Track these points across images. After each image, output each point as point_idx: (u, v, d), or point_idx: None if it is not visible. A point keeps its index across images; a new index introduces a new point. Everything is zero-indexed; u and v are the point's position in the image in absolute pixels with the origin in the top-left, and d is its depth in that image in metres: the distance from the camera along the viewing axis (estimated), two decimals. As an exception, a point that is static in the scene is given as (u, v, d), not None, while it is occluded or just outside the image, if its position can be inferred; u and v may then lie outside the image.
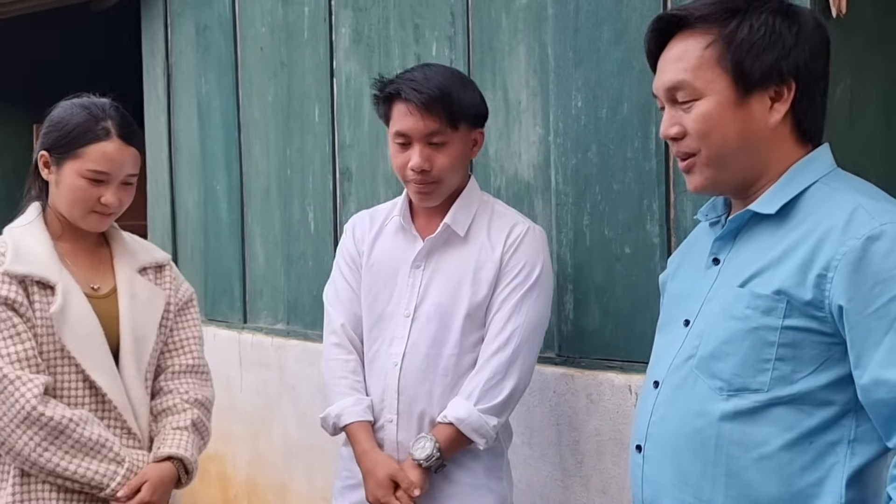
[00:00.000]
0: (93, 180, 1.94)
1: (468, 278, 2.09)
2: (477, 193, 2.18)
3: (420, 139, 2.04)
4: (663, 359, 1.44)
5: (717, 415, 1.33)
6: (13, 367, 1.85)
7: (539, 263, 2.10)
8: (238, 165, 3.83)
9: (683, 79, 1.36)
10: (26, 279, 1.90)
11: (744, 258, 1.37)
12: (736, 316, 1.33)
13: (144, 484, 1.93)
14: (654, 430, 1.41)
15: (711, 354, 1.35)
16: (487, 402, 2.02)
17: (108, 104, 2.00)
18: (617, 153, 2.31)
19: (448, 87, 2.03)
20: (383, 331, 2.14)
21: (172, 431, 2.01)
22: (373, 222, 2.23)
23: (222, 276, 3.95)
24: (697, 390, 1.36)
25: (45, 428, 1.86)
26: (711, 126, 1.35)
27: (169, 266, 2.15)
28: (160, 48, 4.31)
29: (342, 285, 2.21)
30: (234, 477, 3.86)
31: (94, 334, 1.94)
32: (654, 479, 1.41)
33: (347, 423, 2.10)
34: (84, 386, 1.93)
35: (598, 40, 2.34)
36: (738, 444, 1.31)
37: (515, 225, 2.13)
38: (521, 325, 2.05)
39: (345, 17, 3.21)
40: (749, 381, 1.31)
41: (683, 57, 1.36)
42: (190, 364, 2.10)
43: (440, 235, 2.11)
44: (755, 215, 1.38)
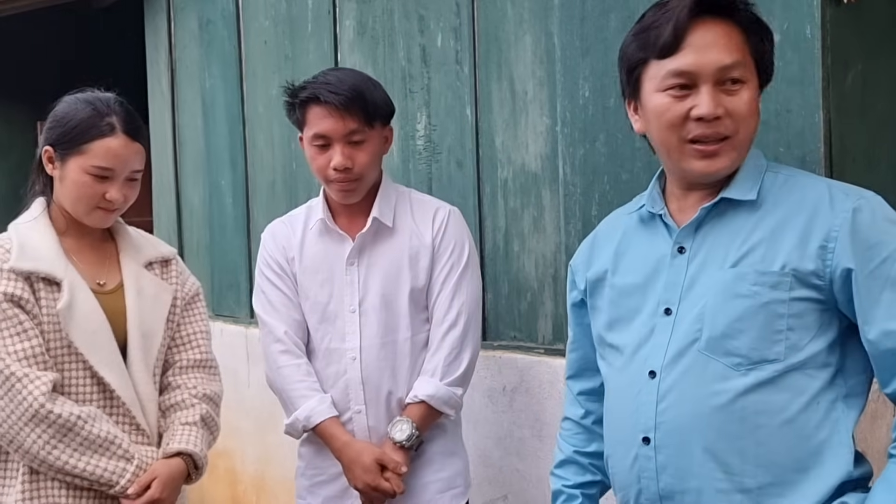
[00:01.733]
0: (97, 176, 1.92)
1: (405, 265, 2.20)
2: (392, 186, 2.29)
3: (340, 139, 2.12)
4: (651, 349, 1.48)
5: (738, 390, 1.39)
6: (20, 364, 1.84)
7: (467, 241, 2.26)
8: (243, 160, 3.82)
9: (739, 60, 1.44)
10: (32, 276, 1.89)
11: (720, 243, 1.46)
12: (743, 294, 1.41)
13: (154, 480, 1.93)
14: (665, 417, 1.44)
15: (723, 334, 1.41)
16: (451, 376, 2.17)
17: (113, 99, 1.98)
18: (625, 143, 2.29)
19: (361, 88, 2.13)
20: (330, 328, 2.21)
21: (181, 427, 2.01)
22: (293, 228, 2.29)
23: (228, 271, 3.94)
24: (711, 371, 1.41)
25: (54, 426, 1.85)
26: (752, 110, 1.45)
27: (175, 260, 2.14)
28: (163, 43, 4.30)
29: (274, 294, 2.26)
30: (242, 472, 3.86)
31: (102, 330, 1.93)
32: (675, 466, 1.44)
33: (318, 422, 2.17)
34: (92, 382, 1.92)
35: (605, 29, 2.32)
36: (762, 413, 1.39)
37: (438, 209, 2.26)
38: (466, 301, 2.20)
39: (349, 9, 3.19)
40: (766, 352, 1.39)
41: (732, 40, 1.44)
42: (198, 359, 2.10)
43: (370, 230, 2.20)
44: (720, 203, 1.47)
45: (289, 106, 2.21)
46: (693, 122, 1.44)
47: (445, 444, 2.24)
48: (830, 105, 1.86)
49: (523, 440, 2.51)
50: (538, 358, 2.49)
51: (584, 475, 1.71)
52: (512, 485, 2.55)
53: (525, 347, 2.57)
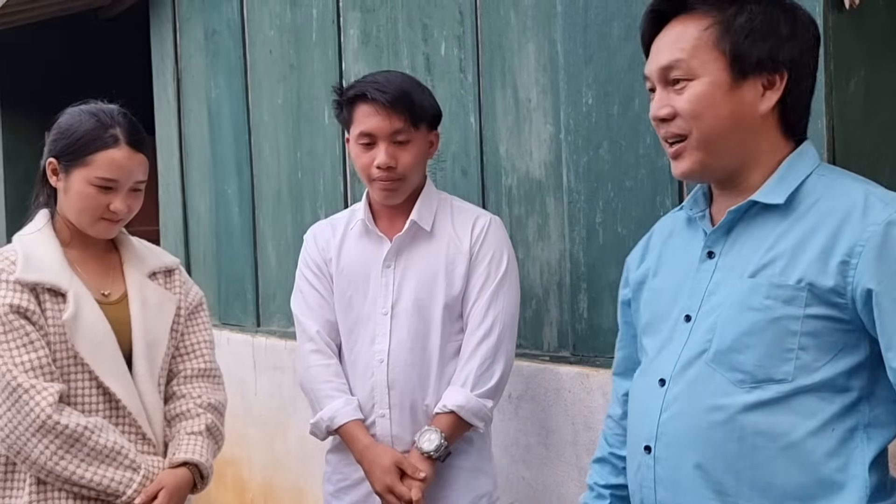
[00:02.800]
0: (101, 187, 1.93)
1: (441, 272, 2.17)
2: (435, 191, 2.28)
3: (385, 138, 2.12)
4: (666, 356, 1.42)
5: (738, 407, 1.32)
6: (27, 375, 1.85)
7: (506, 252, 2.22)
8: (249, 169, 3.83)
9: (680, 58, 1.37)
10: (37, 287, 1.89)
11: (746, 250, 1.37)
12: (755, 307, 1.32)
13: (161, 491, 1.93)
14: (666, 429, 1.39)
15: (730, 347, 1.34)
16: (482, 387, 2.13)
17: (116, 110, 1.99)
18: (629, 150, 2.29)
19: (408, 89, 2.15)
20: (362, 331, 2.20)
21: (187, 437, 2.01)
22: (334, 230, 2.29)
23: (235, 280, 3.95)
24: (714, 384, 1.35)
25: (61, 436, 1.85)
26: (704, 107, 1.36)
27: (178, 270, 2.14)
28: (169, 53, 4.32)
29: (311, 294, 2.26)
30: (250, 481, 3.86)
31: (107, 341, 1.93)
32: (670, 480, 1.39)
33: (341, 423, 2.16)
34: (98, 392, 1.93)
35: (608, 36, 2.32)
36: (762, 434, 1.31)
37: (478, 217, 2.24)
38: (501, 312, 2.16)
39: (353, 18, 3.21)
40: (773, 371, 1.31)
41: (681, 38, 1.38)
42: (202, 368, 2.10)
43: (408, 232, 2.19)
44: (752, 207, 1.38)
45: (337, 105, 2.22)
46: (656, 122, 1.42)
47: (471, 460, 2.19)
48: (833, 111, 1.86)
49: (529, 447, 2.51)
50: (543, 365, 2.49)
51: (616, 477, 1.64)
52: (518, 492, 2.55)
53: (530, 355, 2.57)
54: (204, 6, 4.07)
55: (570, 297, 2.45)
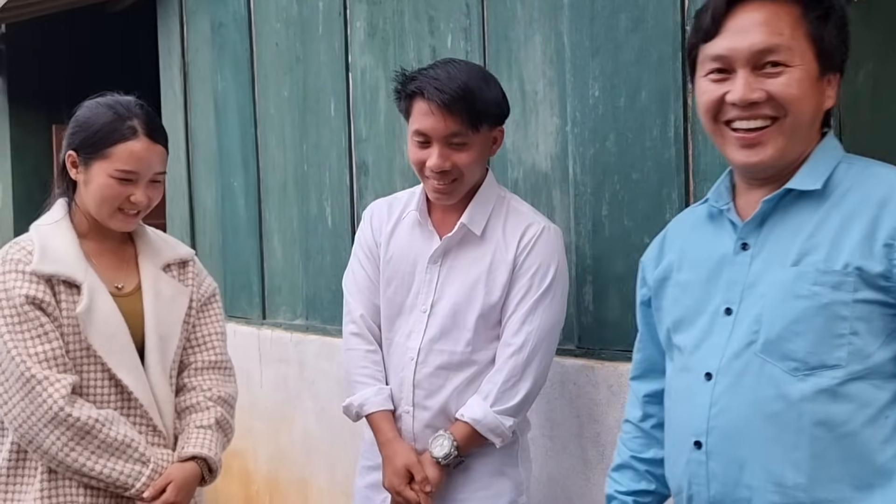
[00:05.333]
0: (122, 179, 1.94)
1: (482, 279, 2.10)
2: (494, 189, 2.18)
3: (440, 140, 2.03)
4: (708, 350, 1.40)
5: (795, 396, 1.31)
6: (41, 366, 1.86)
7: (553, 265, 2.10)
8: (255, 161, 3.83)
9: (779, 43, 1.35)
10: (53, 278, 1.90)
11: (784, 239, 1.37)
12: (802, 295, 1.32)
13: (169, 484, 1.94)
14: (718, 422, 1.37)
15: (780, 336, 1.33)
16: (503, 404, 2.06)
17: (134, 102, 2.00)
18: (635, 142, 2.29)
19: (471, 87, 2.01)
20: (403, 324, 2.17)
21: (196, 430, 2.02)
22: (390, 213, 2.24)
23: (241, 273, 3.95)
24: (767, 375, 1.33)
25: (72, 428, 1.86)
26: (802, 94, 1.36)
27: (192, 262, 2.15)
28: (176, 46, 4.32)
29: (361, 275, 2.23)
30: (255, 472, 3.87)
31: (120, 333, 1.94)
32: (725, 474, 1.36)
33: (370, 412, 2.15)
34: (110, 385, 1.94)
35: (615, 29, 2.32)
36: (821, 424, 1.30)
37: (530, 225, 2.13)
38: (536, 329, 2.07)
39: (359, 10, 3.20)
40: (826, 357, 1.30)
41: (774, 22, 1.36)
42: (213, 360, 2.10)
43: (456, 234, 2.13)
44: (786, 196, 1.38)
45: (397, 94, 2.12)
46: (729, 105, 1.38)
47: (493, 463, 2.12)
48: (841, 104, 1.85)
49: (534, 440, 2.51)
50: (549, 358, 2.49)
51: (639, 482, 1.62)
52: (523, 485, 2.55)
53: (536, 347, 2.56)
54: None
55: (575, 290, 2.44)
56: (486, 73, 2.17)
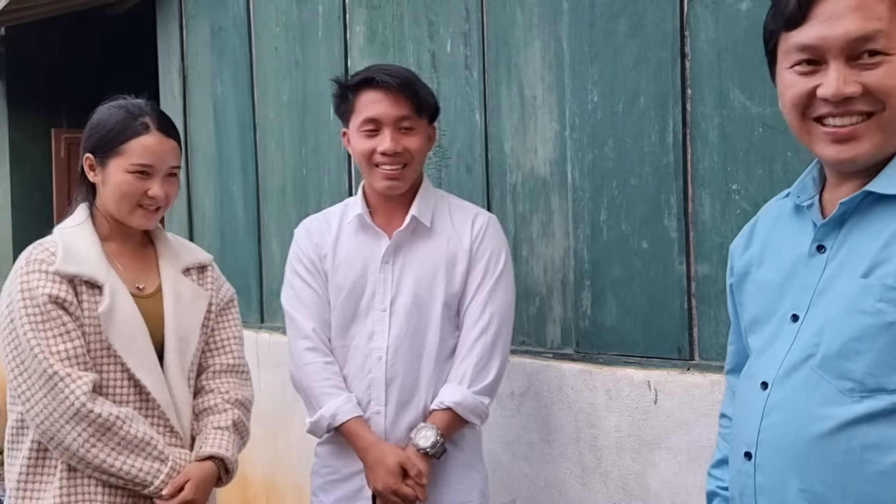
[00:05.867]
0: (138, 173, 1.98)
1: (441, 269, 2.18)
2: (432, 188, 2.28)
3: (391, 123, 2.12)
4: (770, 357, 1.32)
5: (848, 417, 1.22)
6: (63, 364, 1.89)
7: (504, 249, 2.23)
8: (254, 165, 3.84)
9: (878, 28, 1.21)
10: (75, 279, 1.94)
11: (859, 245, 1.25)
12: (866, 311, 1.21)
13: (188, 482, 1.97)
14: (767, 435, 1.29)
15: (838, 353, 1.23)
16: (479, 384, 2.14)
17: (144, 102, 2.06)
18: (634, 147, 2.29)
19: (412, 78, 2.18)
20: (360, 327, 2.20)
21: (214, 431, 2.05)
22: (328, 225, 2.27)
23: (239, 276, 3.95)
24: (821, 392, 1.24)
25: (94, 425, 1.90)
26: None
27: (211, 267, 2.19)
28: (175, 50, 4.33)
29: (305, 291, 2.25)
30: (252, 477, 3.87)
31: (140, 334, 1.98)
32: (772, 490, 1.29)
33: (344, 420, 2.15)
34: (129, 384, 1.97)
35: (614, 34, 2.32)
36: (873, 447, 1.20)
37: (478, 215, 2.25)
38: (497, 310, 2.17)
39: (359, 15, 3.21)
40: (885, 380, 1.19)
41: (869, 7, 1.22)
42: (230, 364, 2.14)
43: (407, 228, 2.19)
44: (867, 198, 1.25)
45: (339, 95, 2.20)
46: (820, 101, 1.24)
47: (463, 457, 2.20)
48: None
49: (531, 444, 2.51)
50: (546, 362, 2.49)
51: None
52: (520, 489, 2.55)
53: (533, 352, 2.57)
54: (210, 3, 4.07)
55: (573, 295, 2.45)
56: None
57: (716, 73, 2.11)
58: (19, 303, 1.90)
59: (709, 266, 2.16)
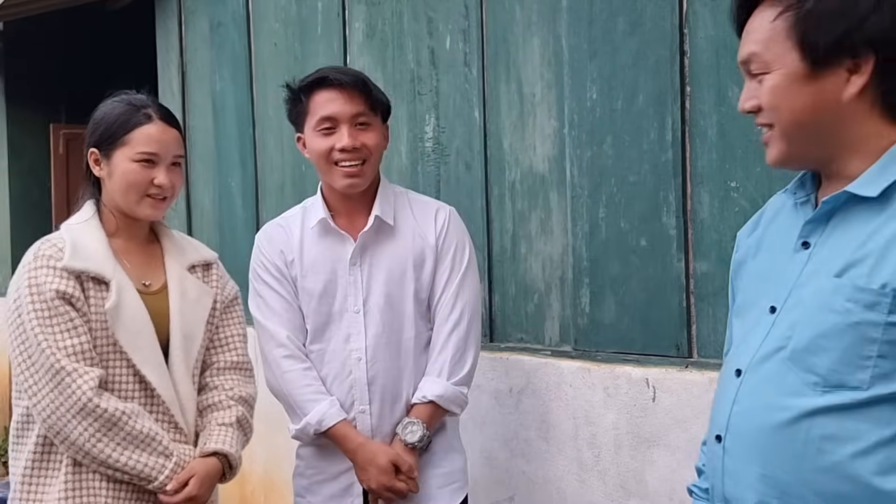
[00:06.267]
0: (143, 162, 2.00)
1: (409, 266, 2.20)
2: (390, 186, 2.29)
3: (347, 120, 2.14)
4: (746, 346, 1.37)
5: (808, 408, 1.27)
6: (70, 359, 1.90)
7: (467, 242, 2.27)
8: (253, 161, 3.83)
9: (754, 51, 1.33)
10: (83, 275, 1.95)
11: (838, 244, 1.30)
12: (835, 309, 1.26)
13: (192, 478, 1.98)
14: (736, 421, 1.35)
15: (806, 348, 1.28)
16: (457, 375, 2.19)
17: (146, 96, 2.09)
18: (633, 145, 2.29)
19: (363, 77, 2.21)
20: (335, 330, 2.20)
21: (218, 427, 2.06)
22: (290, 231, 2.26)
23: (238, 273, 3.93)
24: (788, 383, 1.29)
25: (100, 419, 1.91)
26: (780, 99, 1.31)
27: (216, 264, 2.20)
28: (174, 46, 4.32)
29: (274, 298, 2.24)
30: (250, 473, 3.87)
31: (145, 330, 1.99)
32: (736, 473, 1.35)
33: (331, 424, 2.17)
34: (134, 380, 1.98)
35: (613, 32, 2.32)
36: (830, 438, 1.25)
37: (439, 210, 2.27)
38: (468, 302, 2.22)
39: (358, 11, 3.21)
40: (847, 377, 1.24)
41: (757, 29, 1.33)
42: (234, 361, 2.14)
43: (371, 228, 2.19)
44: (852, 198, 1.30)
45: (292, 99, 2.21)
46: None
47: (445, 441, 2.24)
48: None
49: (529, 441, 2.52)
50: (545, 360, 2.49)
51: None
52: (518, 486, 2.55)
53: (532, 349, 2.57)
54: (209, -1, 4.07)
55: (571, 292, 2.45)
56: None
57: (714, 71, 2.11)
58: (27, 298, 1.91)
59: (707, 263, 2.16)
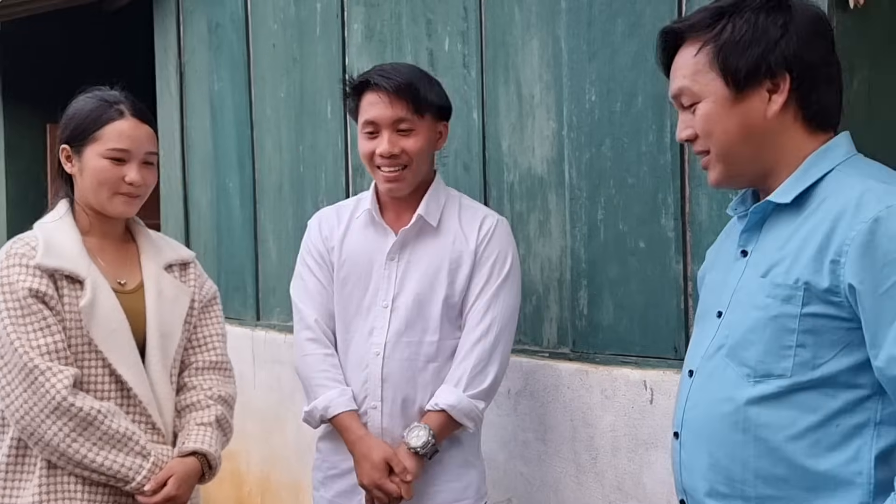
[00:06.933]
0: (114, 159, 1.97)
1: (444, 268, 2.17)
2: (443, 187, 2.28)
3: (388, 126, 2.13)
4: (697, 348, 1.50)
5: (743, 399, 1.39)
6: (43, 358, 1.88)
7: (510, 253, 2.22)
8: (251, 163, 3.83)
9: (683, 85, 1.45)
10: (56, 273, 1.93)
11: (767, 249, 1.43)
12: (758, 305, 1.38)
13: (170, 478, 1.96)
14: (689, 416, 1.47)
15: (738, 343, 1.41)
16: (475, 388, 2.14)
17: (119, 91, 2.06)
18: (631, 147, 2.29)
19: (414, 77, 2.16)
20: (361, 323, 2.20)
21: (197, 427, 2.04)
22: (339, 218, 2.28)
23: (235, 274, 3.95)
24: (727, 377, 1.41)
25: (75, 419, 1.88)
26: (712, 125, 1.43)
27: (193, 264, 2.18)
28: (173, 46, 4.32)
29: (312, 282, 2.26)
30: (247, 474, 3.86)
31: (121, 329, 1.97)
32: (690, 465, 1.47)
33: (335, 413, 2.17)
34: (110, 380, 1.96)
35: (612, 33, 2.32)
36: (764, 426, 1.37)
37: (486, 217, 2.23)
38: (500, 314, 2.16)
39: (357, 12, 3.21)
40: (773, 367, 1.36)
41: (682, 65, 1.46)
42: (213, 360, 2.13)
43: (413, 226, 2.19)
44: (777, 206, 1.43)
45: (345, 95, 2.23)
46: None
47: (461, 454, 2.20)
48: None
49: (527, 443, 2.52)
50: (543, 362, 2.49)
51: None
52: (516, 488, 2.55)
53: (530, 351, 2.57)
54: (208, 0, 4.06)
55: (570, 294, 2.45)
56: (428, 74, 2.28)
57: (714, 74, 2.11)
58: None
59: (705, 266, 2.16)
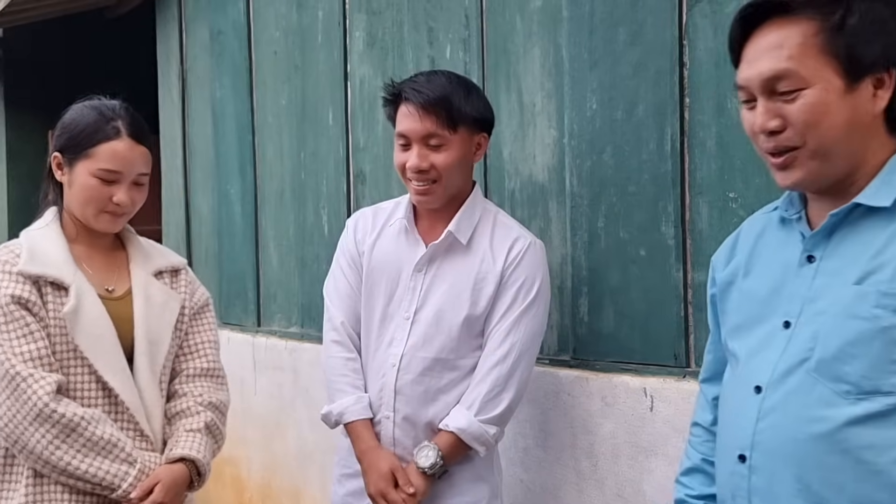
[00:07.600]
0: (105, 180, 1.95)
1: (468, 287, 2.14)
2: (480, 201, 2.24)
3: (418, 140, 2.10)
4: (761, 362, 1.38)
5: (842, 419, 1.28)
6: (26, 365, 1.86)
7: (539, 279, 2.17)
8: (252, 169, 3.84)
9: (788, 67, 1.31)
10: (40, 279, 1.91)
11: (850, 255, 1.32)
12: (861, 316, 1.27)
13: (157, 485, 1.93)
14: (763, 437, 1.34)
15: (834, 357, 1.29)
16: (487, 413, 2.11)
17: (119, 105, 2.02)
18: (632, 155, 2.30)
19: (449, 90, 2.10)
20: (383, 331, 2.20)
21: (185, 433, 2.01)
22: (375, 221, 2.27)
23: (236, 280, 3.95)
24: (816, 395, 1.30)
25: (58, 426, 1.86)
26: (820, 116, 1.30)
27: (185, 270, 2.16)
28: (175, 53, 4.33)
29: (342, 283, 2.27)
30: (248, 480, 3.86)
31: (107, 335, 1.94)
32: (767, 491, 1.34)
33: (349, 420, 2.18)
34: (97, 387, 1.93)
35: (614, 42, 2.33)
36: (869, 447, 1.26)
37: (518, 239, 2.18)
38: (520, 340, 2.13)
39: (359, 20, 3.22)
40: (881, 383, 1.26)
41: (784, 45, 1.31)
42: (205, 367, 2.10)
43: (443, 242, 2.16)
44: (855, 210, 1.33)
45: (385, 102, 2.20)
46: (762, 134, 1.36)
47: (472, 470, 2.17)
48: None
49: (527, 450, 2.52)
50: (543, 369, 2.49)
51: (710, 486, 1.53)
52: (516, 495, 2.55)
53: (531, 358, 2.57)
54: (210, 7, 4.08)
55: (570, 301, 2.45)
56: (470, 83, 2.23)
57: (714, 82, 2.12)
58: None
59: (705, 274, 2.15)
